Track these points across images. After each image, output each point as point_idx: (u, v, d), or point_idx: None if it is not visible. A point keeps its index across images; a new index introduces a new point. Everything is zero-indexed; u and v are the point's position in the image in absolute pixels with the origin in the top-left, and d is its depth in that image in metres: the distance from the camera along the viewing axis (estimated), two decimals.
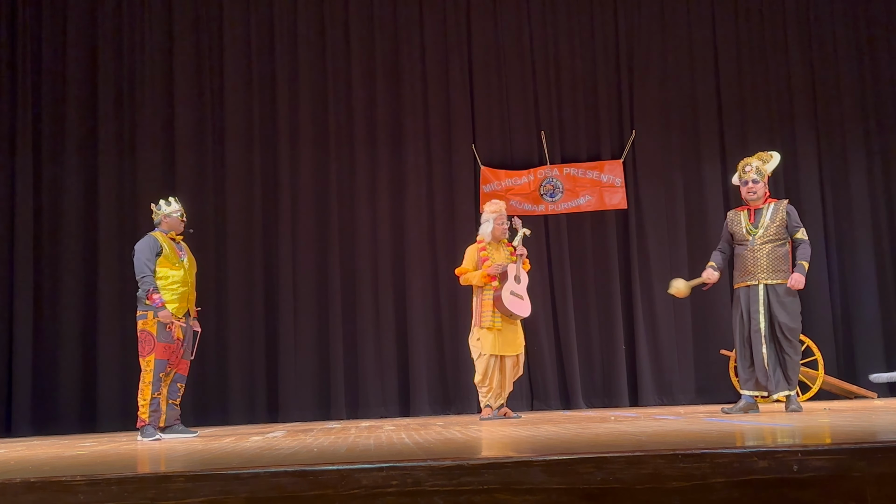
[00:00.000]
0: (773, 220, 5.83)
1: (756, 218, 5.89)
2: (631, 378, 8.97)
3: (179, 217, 6.17)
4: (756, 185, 5.90)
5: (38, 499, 2.29)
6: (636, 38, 9.43)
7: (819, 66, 9.51)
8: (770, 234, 5.80)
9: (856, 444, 2.31)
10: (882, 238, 9.31)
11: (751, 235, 5.84)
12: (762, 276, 5.78)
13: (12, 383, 8.39)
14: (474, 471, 2.25)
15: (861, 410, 5.54)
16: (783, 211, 5.86)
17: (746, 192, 5.94)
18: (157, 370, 5.78)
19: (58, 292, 8.62)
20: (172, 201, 6.21)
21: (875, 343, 9.06)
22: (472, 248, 6.87)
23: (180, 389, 6.05)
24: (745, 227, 5.89)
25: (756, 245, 5.81)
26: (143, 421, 5.77)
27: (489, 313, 6.57)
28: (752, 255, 5.81)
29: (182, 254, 6.12)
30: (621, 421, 5.33)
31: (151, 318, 5.80)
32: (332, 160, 9.09)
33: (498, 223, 6.82)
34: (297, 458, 3.07)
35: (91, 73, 8.97)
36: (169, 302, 5.86)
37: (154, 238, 6.02)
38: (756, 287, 5.79)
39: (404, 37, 9.32)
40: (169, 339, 5.83)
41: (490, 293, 6.61)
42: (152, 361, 5.76)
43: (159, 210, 6.16)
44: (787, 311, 5.76)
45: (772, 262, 5.78)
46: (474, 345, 6.68)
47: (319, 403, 8.68)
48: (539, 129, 9.27)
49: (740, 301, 5.89)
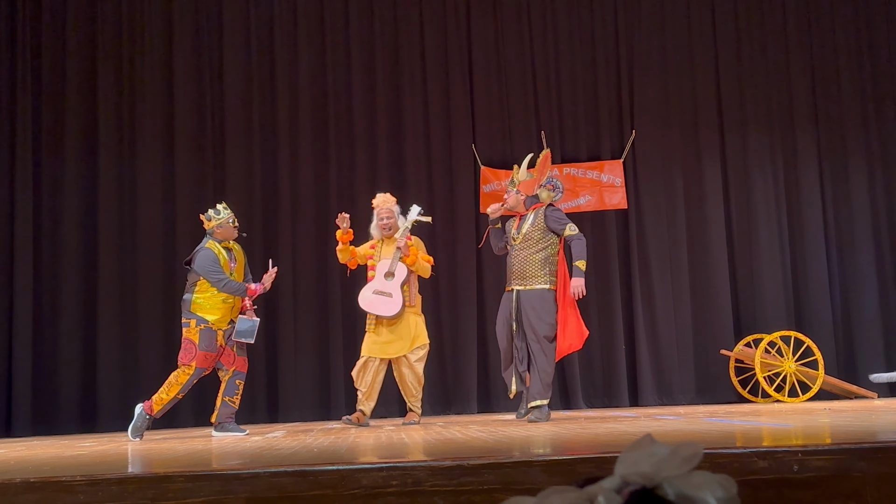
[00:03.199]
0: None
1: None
2: (631, 378, 8.96)
3: (232, 223, 6.11)
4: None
5: (38, 499, 2.29)
6: (636, 38, 9.43)
7: (819, 65, 9.51)
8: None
9: (856, 444, 2.31)
10: (882, 238, 9.31)
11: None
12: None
13: (12, 383, 8.38)
14: (474, 471, 2.25)
15: (861, 410, 5.54)
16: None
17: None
18: (193, 377, 5.81)
19: (58, 292, 8.61)
20: (222, 209, 6.13)
21: (875, 343, 9.06)
22: (366, 245, 6.66)
23: (239, 387, 5.99)
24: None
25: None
26: (153, 410, 5.75)
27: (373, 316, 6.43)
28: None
29: (232, 263, 6.06)
30: (621, 421, 5.33)
31: (194, 325, 5.82)
32: (332, 160, 9.09)
33: (378, 217, 6.54)
34: (297, 458, 3.07)
35: (91, 73, 8.96)
36: (211, 312, 5.85)
37: (211, 251, 5.94)
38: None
39: (404, 37, 9.32)
40: (212, 347, 5.83)
41: None
42: (193, 368, 5.78)
43: (210, 219, 6.08)
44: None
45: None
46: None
47: (319, 403, 8.67)
48: (539, 129, 9.27)
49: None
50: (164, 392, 5.78)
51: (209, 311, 5.86)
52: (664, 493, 0.89)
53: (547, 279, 5.90)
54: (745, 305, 9.17)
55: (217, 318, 5.87)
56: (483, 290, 9.01)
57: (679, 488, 0.89)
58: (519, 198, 6.15)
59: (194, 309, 5.85)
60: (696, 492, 0.89)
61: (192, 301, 5.87)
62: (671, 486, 0.90)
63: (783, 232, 9.23)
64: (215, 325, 5.86)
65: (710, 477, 0.90)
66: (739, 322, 9.09)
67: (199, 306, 5.86)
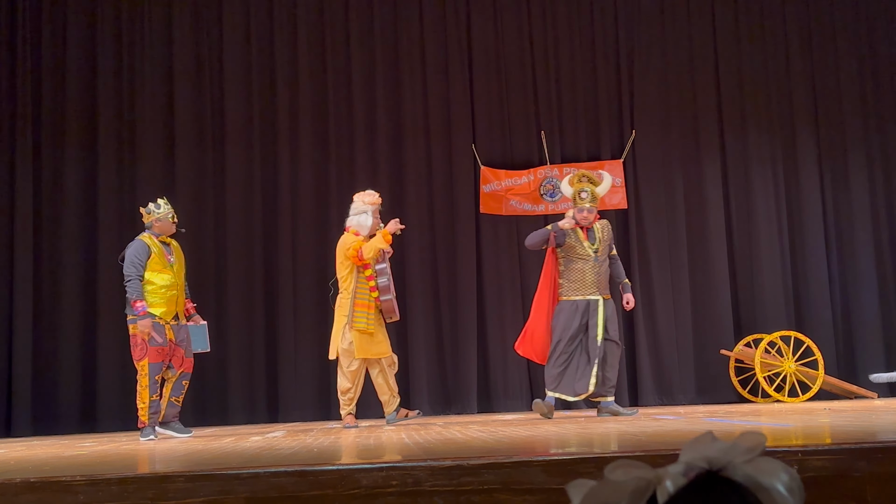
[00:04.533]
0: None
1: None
2: (631, 378, 8.96)
3: (171, 218, 6.12)
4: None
5: (38, 499, 2.29)
6: (636, 38, 9.42)
7: (819, 65, 9.51)
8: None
9: (856, 444, 2.31)
10: (882, 238, 9.31)
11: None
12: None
13: (12, 383, 8.38)
14: (474, 471, 2.25)
15: (861, 410, 5.54)
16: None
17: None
18: (151, 374, 5.78)
19: (58, 292, 8.61)
20: (162, 203, 6.13)
21: (875, 343, 9.06)
22: (351, 238, 6.28)
23: (184, 387, 6.07)
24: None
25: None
26: (143, 423, 5.81)
27: (363, 314, 6.12)
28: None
29: (170, 257, 6.07)
30: (621, 421, 5.33)
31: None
32: (332, 160, 9.09)
33: (374, 216, 6.40)
34: (297, 458, 3.07)
35: (91, 73, 8.96)
36: (156, 306, 5.84)
37: (143, 242, 5.97)
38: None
39: (404, 37, 9.31)
40: (161, 342, 5.82)
41: (365, 293, 6.18)
42: (146, 366, 5.77)
43: (150, 213, 6.10)
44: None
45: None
46: (345, 350, 6.16)
47: (319, 403, 8.67)
48: (539, 129, 9.27)
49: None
50: (139, 402, 5.82)
51: (155, 305, 5.85)
52: (730, 475, 0.92)
53: (608, 289, 6.42)
54: (745, 305, 9.17)
55: (163, 310, 5.89)
56: (483, 290, 9.00)
57: (745, 471, 0.92)
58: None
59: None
60: (762, 476, 0.91)
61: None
62: (737, 469, 0.92)
63: (783, 232, 9.23)
64: (162, 318, 5.87)
65: (776, 463, 0.93)
66: (739, 322, 9.09)
67: (145, 301, 5.84)
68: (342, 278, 6.32)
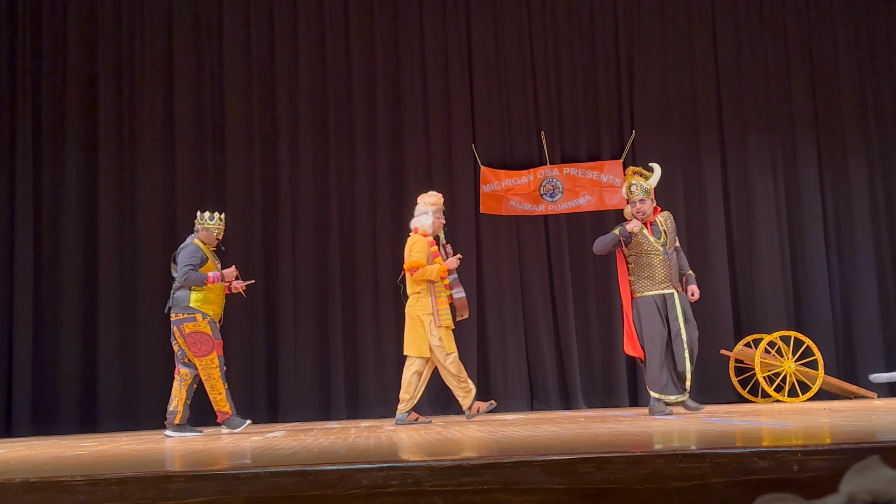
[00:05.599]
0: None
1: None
2: (631, 378, 8.96)
3: (217, 235, 6.44)
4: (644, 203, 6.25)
5: (38, 499, 2.29)
6: (636, 38, 9.43)
7: (819, 66, 9.51)
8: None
9: (856, 444, 2.31)
10: (882, 238, 9.32)
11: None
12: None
13: (12, 383, 8.38)
14: (474, 471, 2.25)
15: (861, 410, 5.54)
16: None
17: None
18: (221, 366, 6.15)
19: (58, 292, 8.61)
20: (217, 218, 6.46)
21: (875, 343, 9.06)
22: (423, 242, 6.46)
23: (193, 388, 6.32)
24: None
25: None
26: (227, 413, 6.16)
27: (446, 311, 6.36)
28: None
29: (217, 264, 6.42)
30: (621, 421, 5.33)
31: (202, 319, 6.09)
32: (332, 160, 9.09)
33: (436, 216, 6.57)
34: (297, 458, 3.07)
35: (91, 73, 8.96)
36: (207, 307, 6.15)
37: (197, 247, 6.31)
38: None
39: (404, 37, 9.31)
40: (219, 336, 6.20)
41: (442, 291, 6.38)
42: (215, 359, 6.11)
43: (201, 220, 6.43)
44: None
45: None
46: (437, 346, 6.32)
47: (319, 403, 8.67)
48: (539, 129, 9.27)
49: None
50: (216, 395, 6.15)
51: (209, 305, 6.17)
52: None
53: (679, 281, 6.28)
54: (745, 305, 9.17)
55: (216, 310, 6.24)
56: (483, 289, 9.00)
57: None
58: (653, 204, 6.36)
59: (195, 304, 6.11)
60: None
61: (191, 298, 6.12)
62: None
63: (783, 232, 9.23)
64: (215, 316, 6.22)
65: None
66: (739, 322, 9.09)
67: (200, 301, 6.14)
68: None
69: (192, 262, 6.15)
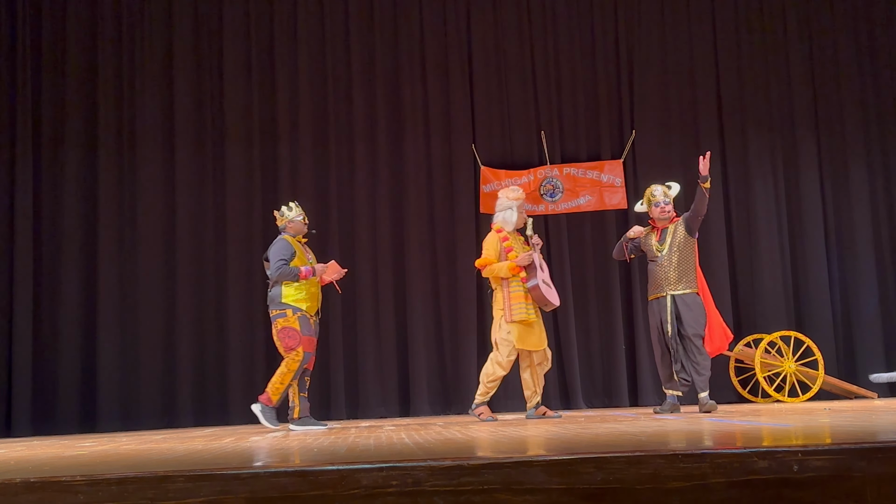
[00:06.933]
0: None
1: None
2: (631, 378, 8.97)
3: (302, 220, 6.45)
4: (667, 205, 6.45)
5: (38, 499, 2.29)
6: (636, 38, 9.43)
7: (819, 66, 9.51)
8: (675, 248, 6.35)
9: (856, 444, 2.30)
10: (882, 238, 9.32)
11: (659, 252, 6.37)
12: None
13: (12, 383, 8.38)
14: (474, 471, 2.25)
15: (861, 410, 5.53)
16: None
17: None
18: (303, 362, 6.14)
19: (58, 292, 8.61)
20: (293, 206, 6.48)
21: (875, 343, 9.06)
22: (493, 238, 6.54)
23: (307, 382, 6.36)
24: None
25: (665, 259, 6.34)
26: (272, 402, 6.13)
27: (522, 305, 6.29)
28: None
29: (309, 255, 6.41)
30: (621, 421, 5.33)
31: (292, 314, 6.12)
32: (332, 160, 9.09)
33: (520, 211, 6.60)
34: (297, 458, 3.06)
35: (91, 73, 8.97)
36: (301, 301, 6.16)
37: (286, 241, 6.30)
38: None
39: (404, 36, 9.32)
40: (311, 332, 6.19)
41: (519, 285, 6.34)
42: (301, 353, 6.11)
43: (283, 216, 6.45)
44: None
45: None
46: (504, 339, 6.34)
47: (319, 403, 8.66)
48: (539, 129, 9.27)
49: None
50: (279, 381, 6.13)
51: (302, 300, 6.17)
52: None
53: (694, 283, 6.39)
54: (745, 305, 9.17)
55: (309, 305, 6.21)
56: (483, 290, 8.99)
57: None
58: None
59: (287, 300, 6.15)
60: None
61: (283, 294, 6.15)
62: None
63: (783, 232, 9.23)
64: (308, 312, 6.20)
65: None
66: (739, 322, 9.08)
67: (292, 297, 6.15)
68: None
69: (283, 255, 6.16)
